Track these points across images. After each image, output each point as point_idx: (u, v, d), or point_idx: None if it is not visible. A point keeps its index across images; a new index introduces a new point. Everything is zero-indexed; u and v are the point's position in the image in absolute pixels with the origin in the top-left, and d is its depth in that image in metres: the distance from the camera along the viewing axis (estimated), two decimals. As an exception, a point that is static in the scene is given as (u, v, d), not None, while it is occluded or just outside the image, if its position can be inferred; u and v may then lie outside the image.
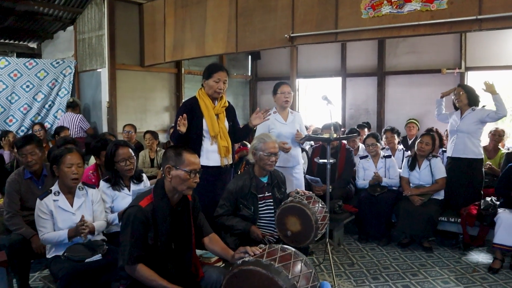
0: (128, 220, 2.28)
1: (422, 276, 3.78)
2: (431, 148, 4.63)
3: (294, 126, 4.08)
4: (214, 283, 2.42)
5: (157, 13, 6.62)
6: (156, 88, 7.38)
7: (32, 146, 3.46)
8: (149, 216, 2.28)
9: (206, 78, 3.51)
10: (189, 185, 2.34)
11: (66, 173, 2.91)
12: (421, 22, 4.13)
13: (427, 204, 4.42)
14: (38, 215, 2.89)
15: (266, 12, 5.27)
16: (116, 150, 3.21)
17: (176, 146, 2.43)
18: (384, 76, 7.60)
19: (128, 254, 2.24)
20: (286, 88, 4.09)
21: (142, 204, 2.31)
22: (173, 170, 2.31)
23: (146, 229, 2.28)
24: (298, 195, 3.07)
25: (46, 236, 2.86)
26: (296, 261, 2.09)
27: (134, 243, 2.24)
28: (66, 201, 2.96)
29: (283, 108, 4.12)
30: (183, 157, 2.32)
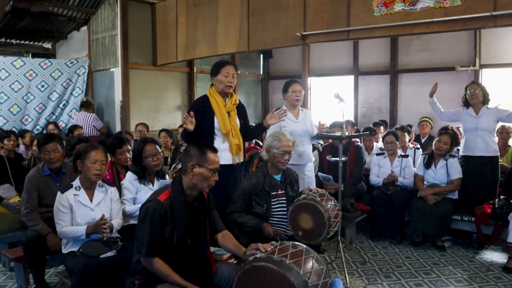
0: (146, 214, 2.32)
1: (435, 275, 3.75)
2: (449, 147, 4.57)
3: (306, 124, 4.08)
4: (226, 279, 2.44)
5: (169, 13, 6.67)
6: (168, 87, 7.44)
7: (54, 144, 3.56)
8: (167, 211, 2.33)
9: (215, 75, 3.52)
10: (210, 183, 2.40)
11: (89, 169, 2.98)
12: (434, 19, 4.10)
13: (440, 203, 4.38)
14: (58, 208, 2.96)
15: (278, 10, 5.27)
16: (144, 147, 3.34)
17: (200, 144, 2.46)
18: (397, 74, 7.55)
19: (146, 247, 2.28)
20: (297, 86, 4.09)
21: (160, 198, 2.35)
22: (197, 167, 2.35)
23: (164, 223, 2.32)
24: (311, 193, 3.08)
25: (64, 229, 2.93)
26: (307, 257, 2.10)
27: (152, 236, 2.29)
28: (86, 196, 3.03)
29: (294, 106, 4.13)
30: (207, 155, 2.37)
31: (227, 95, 3.56)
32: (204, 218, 2.50)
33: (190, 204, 2.43)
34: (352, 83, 8.11)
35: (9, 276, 3.82)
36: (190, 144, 2.54)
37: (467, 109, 4.61)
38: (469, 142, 4.58)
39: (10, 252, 3.54)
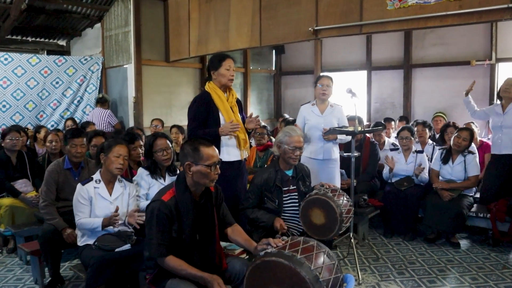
0: (152, 215, 2.33)
1: (449, 272, 3.71)
2: (468, 144, 4.50)
3: (331, 119, 4.04)
4: (237, 274, 2.45)
5: (182, 9, 6.68)
6: (181, 83, 7.47)
7: (82, 139, 3.69)
8: (172, 210, 2.32)
9: (216, 69, 3.40)
10: (211, 178, 2.37)
11: (112, 162, 3.05)
12: (449, 12, 4.03)
13: (456, 199, 4.31)
14: (77, 199, 3.02)
15: (290, 5, 5.24)
16: (154, 141, 3.36)
17: (191, 141, 2.42)
18: (410, 69, 7.46)
19: (156, 248, 2.29)
20: (325, 80, 4.07)
21: (164, 198, 2.34)
22: (193, 166, 2.33)
23: (170, 222, 2.32)
24: (323, 188, 3.07)
25: (82, 221, 2.98)
26: (318, 252, 2.10)
27: (160, 236, 2.29)
28: (105, 189, 3.09)
29: (322, 101, 4.11)
30: (201, 152, 2.32)
31: (226, 89, 3.49)
32: (212, 214, 2.50)
33: (196, 201, 2.42)
34: (365, 78, 8.04)
35: (25, 270, 3.89)
36: (185, 142, 2.50)
37: (495, 107, 4.54)
38: (495, 140, 4.53)
39: (26, 246, 3.60)
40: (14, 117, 6.46)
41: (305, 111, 4.21)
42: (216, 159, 2.36)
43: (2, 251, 4.35)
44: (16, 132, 4.59)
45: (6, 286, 3.57)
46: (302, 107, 4.30)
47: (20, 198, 4.35)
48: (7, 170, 4.49)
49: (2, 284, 3.60)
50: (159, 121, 6.39)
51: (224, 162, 3.14)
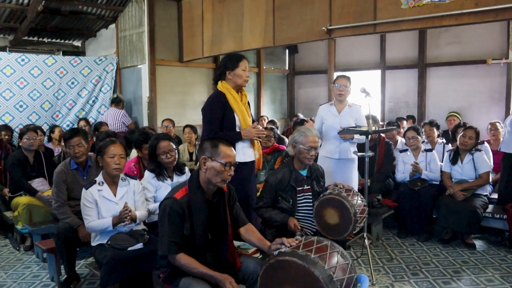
0: (164, 212, 2.35)
1: (464, 274, 3.67)
2: (475, 142, 4.47)
3: (347, 119, 4.04)
4: (251, 273, 2.45)
5: (195, 9, 6.71)
6: (194, 83, 7.51)
7: (78, 138, 3.65)
8: (184, 208, 2.33)
9: (232, 69, 3.34)
10: (223, 178, 2.36)
11: (108, 163, 3.05)
12: (465, 10, 3.98)
13: (470, 199, 4.28)
14: (83, 203, 3.04)
15: (303, 5, 5.24)
16: (157, 144, 3.34)
17: (212, 138, 2.45)
18: (425, 68, 7.39)
19: (167, 245, 2.30)
20: (342, 81, 4.07)
21: (177, 196, 2.36)
22: (209, 161, 2.34)
23: (182, 220, 2.33)
24: (337, 188, 3.06)
25: (91, 224, 3.00)
26: (332, 252, 2.09)
27: (172, 234, 2.31)
28: (109, 191, 3.09)
29: (339, 101, 4.11)
30: (219, 149, 2.34)
31: (239, 90, 3.44)
32: (225, 213, 2.51)
33: (209, 200, 2.43)
34: (379, 77, 7.98)
35: (42, 267, 3.95)
36: (206, 139, 2.50)
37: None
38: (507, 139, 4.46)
39: (43, 244, 3.66)
40: (30, 117, 6.57)
41: (323, 111, 4.22)
42: (232, 159, 2.37)
43: (19, 248, 4.43)
44: (33, 132, 4.66)
45: (23, 283, 3.63)
46: (321, 107, 4.31)
47: (37, 197, 4.42)
48: (25, 169, 4.56)
49: (19, 281, 3.67)
50: (170, 122, 6.42)
51: (241, 163, 3.13)
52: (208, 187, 2.41)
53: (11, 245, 4.52)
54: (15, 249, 4.42)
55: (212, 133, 3.26)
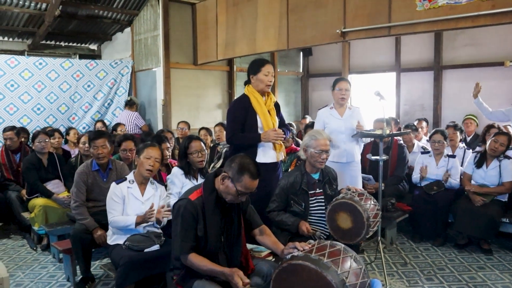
0: (178, 212, 2.39)
1: (480, 280, 3.61)
2: (505, 149, 4.35)
3: (350, 122, 4.01)
4: (265, 276, 2.46)
5: (209, 12, 6.76)
6: (208, 85, 7.55)
7: (103, 140, 3.75)
8: (198, 209, 2.36)
9: (254, 73, 3.51)
10: (234, 200, 2.38)
11: (143, 163, 3.15)
12: (481, 12, 3.93)
13: (488, 205, 4.19)
14: (111, 197, 3.12)
15: (317, 8, 5.23)
16: (189, 143, 3.42)
17: (243, 160, 2.35)
18: (441, 70, 7.29)
19: (180, 244, 2.34)
20: (343, 84, 4.03)
21: (191, 197, 2.39)
22: (229, 181, 2.33)
23: (195, 221, 2.36)
24: (349, 192, 3.04)
25: (115, 218, 3.07)
26: (345, 256, 2.09)
27: (185, 234, 2.34)
28: (138, 190, 3.19)
29: (340, 105, 4.08)
30: (243, 178, 2.30)
31: (264, 93, 3.57)
32: (238, 215, 2.53)
33: (222, 203, 2.44)
34: (394, 80, 7.91)
35: (58, 267, 4.01)
36: (240, 155, 2.42)
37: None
38: None
39: (59, 244, 3.72)
40: (47, 120, 6.69)
41: (324, 115, 4.16)
42: (249, 191, 2.36)
43: (36, 248, 4.51)
44: (44, 135, 4.74)
45: (40, 283, 3.69)
46: (320, 112, 4.25)
47: (53, 199, 4.50)
48: (39, 172, 4.65)
49: (36, 281, 3.73)
50: (185, 124, 6.47)
51: (260, 164, 3.15)
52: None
53: (29, 245, 4.60)
54: (32, 249, 4.50)
55: (232, 134, 3.48)
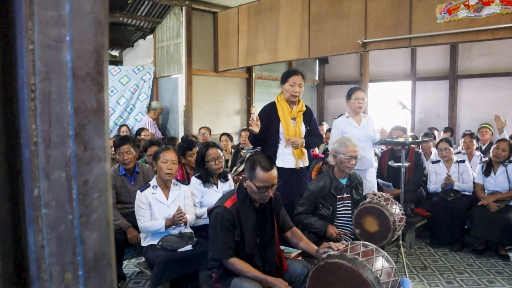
0: (216, 220, 2.52)
1: (499, 284, 3.73)
2: (508, 154, 4.52)
3: (368, 130, 4.17)
4: (299, 275, 2.61)
5: (231, 21, 6.97)
6: (228, 92, 7.75)
7: (128, 146, 3.88)
8: (234, 216, 2.50)
9: (283, 83, 3.72)
10: (261, 197, 2.50)
11: (161, 168, 3.27)
12: (501, 25, 4.08)
13: (504, 210, 4.33)
14: (138, 205, 3.26)
15: (339, 18, 5.40)
16: (206, 151, 3.53)
17: (254, 158, 2.54)
18: (456, 80, 7.43)
19: (222, 250, 2.48)
20: (360, 94, 4.18)
21: (227, 204, 2.54)
22: (248, 180, 2.50)
23: (233, 227, 2.50)
24: (376, 197, 3.20)
25: (145, 224, 3.22)
26: (377, 256, 2.24)
27: (225, 240, 2.48)
28: (162, 194, 3.31)
29: (356, 113, 4.23)
30: (256, 172, 2.45)
31: (293, 102, 3.74)
32: (272, 218, 2.67)
33: (256, 207, 2.59)
34: (409, 88, 8.05)
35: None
36: (253, 155, 2.65)
37: None
38: None
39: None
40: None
41: (341, 124, 4.26)
42: (268, 183, 2.45)
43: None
44: None
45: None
46: (337, 121, 4.34)
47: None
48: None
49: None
50: (207, 129, 6.65)
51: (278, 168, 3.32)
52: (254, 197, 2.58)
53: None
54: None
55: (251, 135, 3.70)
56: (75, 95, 0.64)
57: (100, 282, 0.70)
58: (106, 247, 0.70)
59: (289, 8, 5.99)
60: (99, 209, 0.68)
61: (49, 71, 0.62)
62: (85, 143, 0.65)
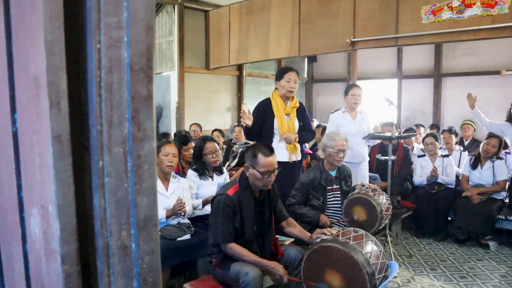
0: (218, 206, 2.68)
1: (479, 270, 3.96)
2: (497, 150, 4.75)
3: (362, 125, 4.36)
4: (293, 260, 2.78)
5: (223, 19, 7.10)
6: (219, 89, 7.89)
7: None
8: (235, 203, 2.66)
9: (279, 79, 3.87)
10: (264, 183, 2.68)
11: (162, 160, 3.41)
12: (482, 26, 4.30)
13: (485, 202, 4.57)
14: None
15: (328, 18, 5.59)
16: (204, 144, 3.68)
17: (254, 147, 2.74)
18: (440, 78, 7.68)
19: (222, 235, 2.63)
20: (356, 90, 4.38)
21: (229, 192, 2.69)
22: (250, 168, 2.67)
23: (233, 214, 2.66)
24: (364, 188, 3.39)
25: None
26: (367, 240, 2.43)
27: (225, 225, 2.63)
28: (162, 186, 3.45)
29: (352, 109, 4.42)
30: (258, 159, 2.63)
31: (288, 98, 3.91)
32: (269, 208, 2.85)
33: (256, 197, 2.76)
34: (395, 86, 8.29)
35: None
36: (251, 145, 2.85)
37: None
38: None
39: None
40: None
41: (337, 118, 4.49)
42: (270, 168, 2.63)
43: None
44: None
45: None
46: (333, 115, 4.57)
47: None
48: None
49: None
50: (197, 126, 6.78)
51: None
52: (255, 186, 2.74)
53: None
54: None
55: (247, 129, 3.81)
56: (131, 85, 0.79)
57: (148, 240, 0.86)
58: (153, 211, 0.86)
59: (280, 7, 6.15)
60: (149, 179, 0.83)
61: (111, 65, 0.77)
62: (138, 124, 0.81)
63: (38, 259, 0.81)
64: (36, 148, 0.78)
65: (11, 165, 0.85)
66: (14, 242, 0.88)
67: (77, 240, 0.78)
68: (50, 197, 0.76)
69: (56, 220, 0.75)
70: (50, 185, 0.76)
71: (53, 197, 0.75)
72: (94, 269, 0.82)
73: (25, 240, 0.85)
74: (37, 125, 0.78)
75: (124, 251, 0.83)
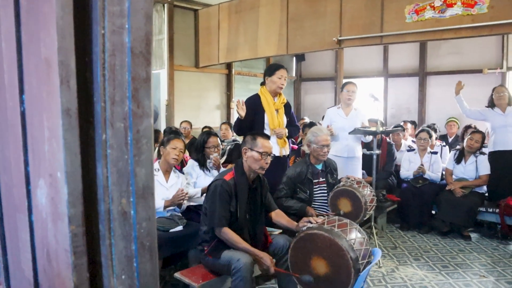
0: (215, 190, 2.78)
1: (460, 259, 4.11)
2: (480, 145, 4.92)
3: (355, 121, 4.48)
4: (281, 248, 2.89)
5: (212, 19, 7.20)
6: (209, 87, 7.98)
7: None
8: (231, 188, 2.78)
9: (269, 75, 3.94)
10: (261, 165, 2.81)
11: (169, 153, 3.52)
12: (463, 25, 4.46)
13: (468, 196, 4.73)
14: None
15: (316, 17, 5.72)
16: (208, 139, 3.85)
17: (252, 132, 2.93)
18: (425, 77, 7.86)
19: (217, 218, 2.73)
20: (351, 87, 4.51)
21: (226, 178, 2.81)
22: (249, 151, 2.81)
23: (229, 198, 2.77)
24: (349, 180, 3.51)
25: None
26: (351, 228, 2.54)
27: (221, 209, 2.73)
28: (163, 177, 3.56)
29: (347, 105, 4.55)
30: (258, 140, 2.81)
31: (276, 94, 4.02)
32: (261, 198, 2.96)
33: (250, 185, 2.87)
34: (382, 85, 8.46)
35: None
36: (248, 133, 2.98)
37: (493, 109, 4.95)
38: (500, 138, 4.89)
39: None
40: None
41: (331, 113, 4.65)
42: (268, 150, 2.82)
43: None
44: None
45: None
46: (329, 110, 4.74)
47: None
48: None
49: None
50: (188, 123, 6.84)
51: None
52: (250, 174, 2.86)
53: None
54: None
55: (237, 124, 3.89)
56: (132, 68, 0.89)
57: (146, 207, 0.95)
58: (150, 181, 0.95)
59: (268, 7, 6.27)
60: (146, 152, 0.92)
61: (114, 49, 0.87)
62: (138, 102, 0.90)
63: (44, 226, 0.90)
64: (46, 123, 0.87)
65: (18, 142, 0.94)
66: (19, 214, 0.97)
67: (82, 204, 0.86)
68: (59, 165, 0.84)
69: (64, 185, 0.84)
70: (59, 155, 0.85)
71: (62, 165, 0.84)
72: (97, 232, 0.91)
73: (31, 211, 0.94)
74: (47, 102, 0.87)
75: (123, 217, 0.91)
